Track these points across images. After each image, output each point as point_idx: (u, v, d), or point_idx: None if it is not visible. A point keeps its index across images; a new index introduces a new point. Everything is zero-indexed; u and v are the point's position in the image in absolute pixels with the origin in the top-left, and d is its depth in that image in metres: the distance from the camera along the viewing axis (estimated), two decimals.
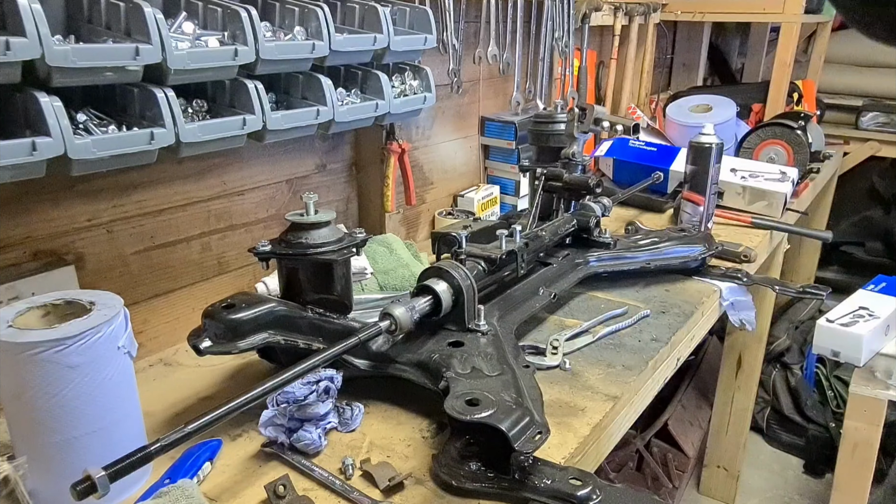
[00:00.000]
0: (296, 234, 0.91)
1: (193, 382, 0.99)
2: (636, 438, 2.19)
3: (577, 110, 1.35)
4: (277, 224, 1.26)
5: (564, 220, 1.28)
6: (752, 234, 1.58)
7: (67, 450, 0.69)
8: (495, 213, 1.72)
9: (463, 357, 0.85)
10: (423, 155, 1.57)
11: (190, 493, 0.69)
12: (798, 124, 1.97)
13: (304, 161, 1.31)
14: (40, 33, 0.73)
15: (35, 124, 0.78)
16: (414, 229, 1.60)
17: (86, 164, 0.82)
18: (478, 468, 0.74)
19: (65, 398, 0.67)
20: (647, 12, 2.26)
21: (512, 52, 1.62)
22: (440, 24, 1.38)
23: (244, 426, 0.86)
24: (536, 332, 1.10)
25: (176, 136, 0.88)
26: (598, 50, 2.23)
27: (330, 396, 0.84)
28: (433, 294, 0.89)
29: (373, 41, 1.09)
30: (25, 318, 0.71)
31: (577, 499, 0.67)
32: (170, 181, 1.09)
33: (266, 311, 0.85)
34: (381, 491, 0.74)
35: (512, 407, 0.72)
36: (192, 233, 1.14)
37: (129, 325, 0.73)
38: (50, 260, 0.96)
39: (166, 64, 0.84)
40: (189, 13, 0.94)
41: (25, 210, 0.93)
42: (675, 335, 1.10)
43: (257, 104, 0.96)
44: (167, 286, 1.12)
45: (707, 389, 2.50)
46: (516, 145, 1.68)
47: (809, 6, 2.29)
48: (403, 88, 1.24)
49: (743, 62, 3.11)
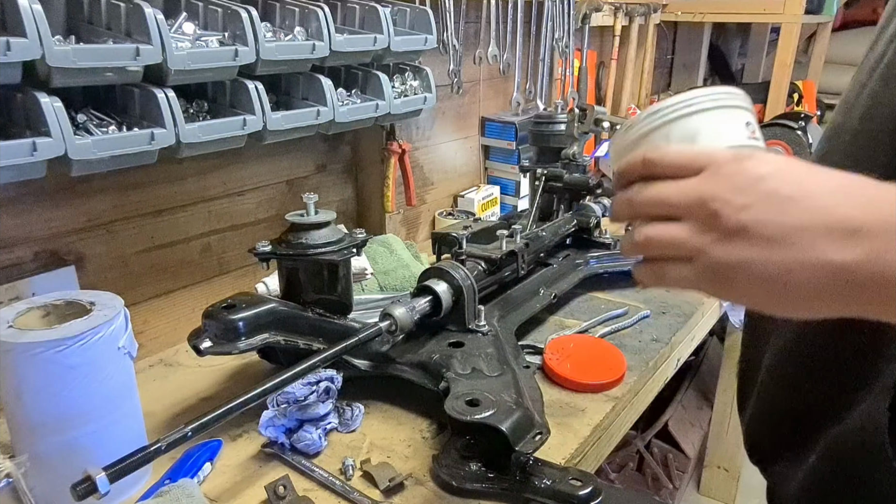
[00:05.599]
0: (296, 235, 0.91)
1: (194, 383, 0.99)
2: (636, 439, 2.19)
3: (578, 111, 1.35)
4: (278, 224, 1.26)
5: (565, 221, 1.28)
6: None
7: (67, 450, 0.69)
8: (495, 214, 1.72)
9: (463, 357, 0.85)
10: (423, 155, 1.57)
11: (190, 493, 0.69)
12: (798, 125, 1.97)
13: (305, 161, 1.31)
14: (41, 34, 0.73)
15: (35, 125, 0.78)
16: (414, 230, 1.60)
17: (86, 164, 0.82)
18: (478, 469, 0.74)
19: (65, 398, 0.67)
20: (647, 13, 2.26)
21: (512, 52, 1.62)
22: (440, 24, 1.38)
23: (244, 426, 0.86)
24: (536, 333, 1.10)
25: (176, 137, 0.88)
26: (598, 50, 2.23)
27: (330, 397, 0.84)
28: (433, 294, 0.89)
29: (373, 41, 1.09)
30: (26, 319, 0.71)
31: (578, 499, 0.67)
32: (170, 181, 1.09)
33: (266, 312, 0.85)
34: (382, 491, 0.74)
35: (512, 407, 0.72)
36: (192, 233, 1.14)
37: (129, 326, 0.73)
38: (50, 260, 0.96)
39: (167, 64, 0.84)
40: (189, 14, 0.94)
41: (26, 210, 0.93)
42: (675, 336, 1.10)
43: (258, 104, 0.96)
44: (167, 286, 1.12)
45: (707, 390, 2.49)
46: (516, 146, 1.68)
47: (809, 7, 2.29)
48: (404, 89, 1.24)
49: (743, 62, 3.11)
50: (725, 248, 0.42)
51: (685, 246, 0.44)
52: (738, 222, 0.42)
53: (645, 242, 0.47)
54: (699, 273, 0.44)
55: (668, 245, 0.45)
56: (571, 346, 1.01)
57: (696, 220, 0.44)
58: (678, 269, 0.45)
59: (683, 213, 0.44)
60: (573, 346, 1.01)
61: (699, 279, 0.44)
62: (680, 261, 0.45)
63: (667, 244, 0.45)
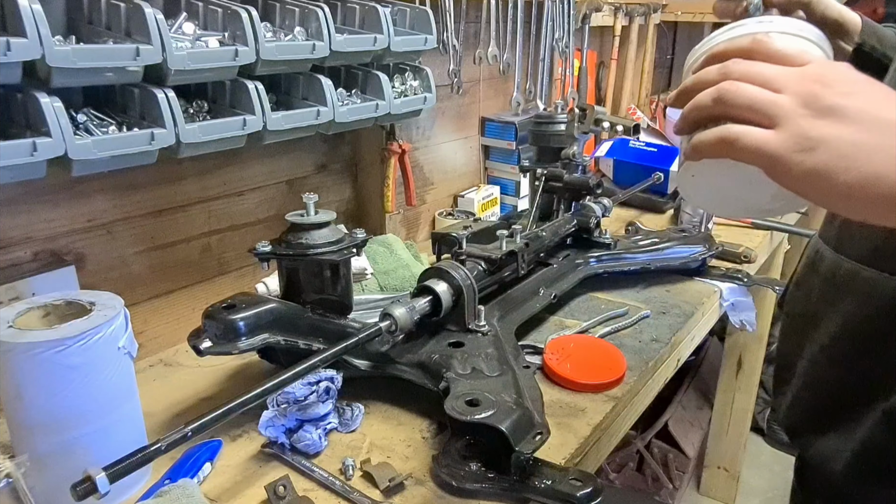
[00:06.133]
0: (296, 235, 0.91)
1: (194, 383, 0.99)
2: (636, 439, 2.19)
3: (578, 111, 1.35)
4: (278, 224, 1.26)
5: (565, 221, 1.28)
6: (752, 235, 1.58)
7: (67, 450, 0.69)
8: (495, 214, 1.72)
9: (463, 357, 0.85)
10: (423, 155, 1.57)
11: (190, 493, 0.69)
12: None
13: (305, 161, 1.31)
14: (41, 34, 0.73)
15: (35, 125, 0.78)
16: (414, 230, 1.60)
17: (86, 164, 0.82)
18: (478, 469, 0.74)
19: (65, 398, 0.67)
20: (647, 13, 2.26)
21: (512, 52, 1.62)
22: (440, 24, 1.38)
23: (244, 427, 0.86)
24: (536, 333, 1.10)
25: (176, 137, 0.88)
26: (598, 50, 2.23)
27: (330, 397, 0.84)
28: (433, 294, 0.89)
29: (373, 42, 1.09)
30: (26, 319, 0.71)
31: (578, 499, 0.67)
32: (170, 181, 1.09)
33: (266, 312, 0.85)
34: (382, 491, 0.74)
35: (512, 407, 0.72)
36: (192, 233, 1.14)
37: (129, 326, 0.73)
38: (50, 260, 0.96)
39: (167, 64, 0.84)
40: (189, 14, 0.94)
41: (26, 210, 0.93)
42: (675, 336, 1.10)
43: (258, 105, 0.96)
44: (167, 286, 1.12)
45: (707, 390, 2.49)
46: (516, 146, 1.68)
47: None
48: (404, 89, 1.24)
49: None
50: (817, 122, 0.42)
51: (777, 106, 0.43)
52: (835, 103, 0.42)
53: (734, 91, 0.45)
54: (782, 140, 0.43)
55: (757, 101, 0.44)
56: (571, 346, 1.01)
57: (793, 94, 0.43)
58: (757, 133, 0.44)
59: (781, 88, 0.44)
60: (573, 346, 1.01)
61: (780, 146, 0.43)
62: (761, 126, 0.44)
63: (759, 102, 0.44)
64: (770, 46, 0.47)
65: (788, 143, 0.42)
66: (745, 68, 0.46)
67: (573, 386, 0.94)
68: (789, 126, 0.43)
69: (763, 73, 0.45)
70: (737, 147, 0.45)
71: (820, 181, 0.42)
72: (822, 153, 0.41)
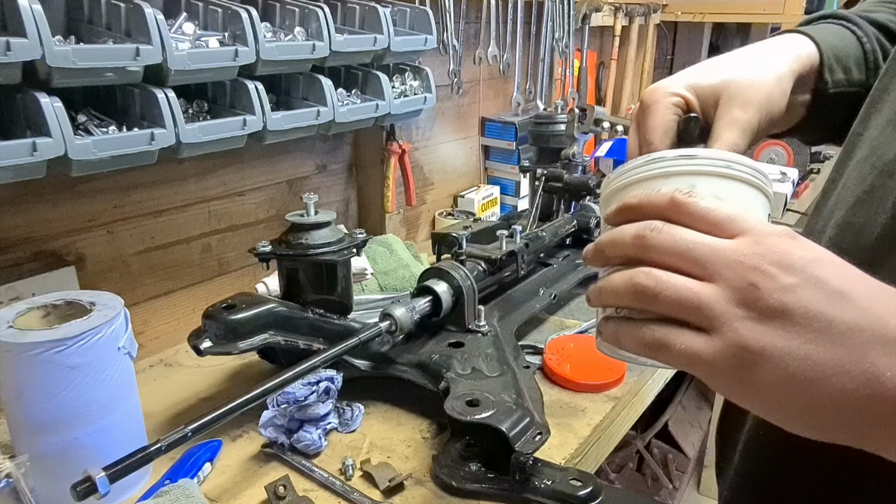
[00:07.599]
0: (296, 235, 0.91)
1: (194, 383, 0.99)
2: (636, 439, 2.19)
3: (578, 111, 1.35)
4: (278, 225, 1.26)
5: (565, 221, 1.28)
6: None
7: (67, 450, 0.69)
8: (495, 214, 1.72)
9: (463, 358, 0.85)
10: (423, 155, 1.57)
11: (190, 493, 0.69)
12: None
13: (305, 162, 1.31)
14: (41, 34, 0.73)
15: (35, 125, 0.78)
16: (414, 230, 1.60)
17: (86, 164, 0.82)
18: (478, 469, 0.74)
19: (65, 398, 0.67)
20: (647, 13, 2.26)
21: (512, 52, 1.62)
22: (440, 24, 1.38)
23: (244, 427, 0.86)
24: (536, 333, 1.10)
25: (176, 137, 0.88)
26: (598, 50, 2.23)
27: (330, 397, 0.84)
28: (433, 294, 0.89)
29: (373, 42, 1.09)
30: (26, 319, 0.71)
31: (578, 499, 0.67)
32: (170, 182, 1.09)
33: (266, 312, 0.85)
34: (382, 492, 0.74)
35: (512, 407, 0.72)
36: (192, 233, 1.14)
37: (129, 326, 0.73)
38: (50, 260, 0.96)
39: (167, 64, 0.84)
40: (190, 14, 0.94)
41: (26, 210, 0.93)
42: None
43: (258, 105, 0.96)
44: (167, 287, 1.12)
45: (707, 390, 2.49)
46: (516, 146, 1.68)
47: (809, 7, 2.29)
48: (404, 89, 1.24)
49: None
50: (758, 329, 0.34)
51: (710, 310, 0.35)
52: (780, 302, 0.34)
53: (654, 288, 0.37)
54: (718, 351, 0.35)
55: (686, 302, 0.36)
56: (571, 346, 1.01)
57: (728, 287, 0.35)
58: (689, 339, 0.36)
59: (712, 275, 0.36)
60: (573, 346, 1.01)
61: (716, 359, 0.35)
62: (692, 330, 0.36)
63: (686, 301, 0.36)
64: (694, 209, 0.38)
65: (726, 356, 0.35)
66: (667, 245, 0.37)
67: (573, 386, 0.94)
68: (726, 333, 0.35)
69: (690, 252, 0.36)
70: (666, 354, 0.37)
71: (767, 404, 0.36)
72: (768, 372, 0.34)
